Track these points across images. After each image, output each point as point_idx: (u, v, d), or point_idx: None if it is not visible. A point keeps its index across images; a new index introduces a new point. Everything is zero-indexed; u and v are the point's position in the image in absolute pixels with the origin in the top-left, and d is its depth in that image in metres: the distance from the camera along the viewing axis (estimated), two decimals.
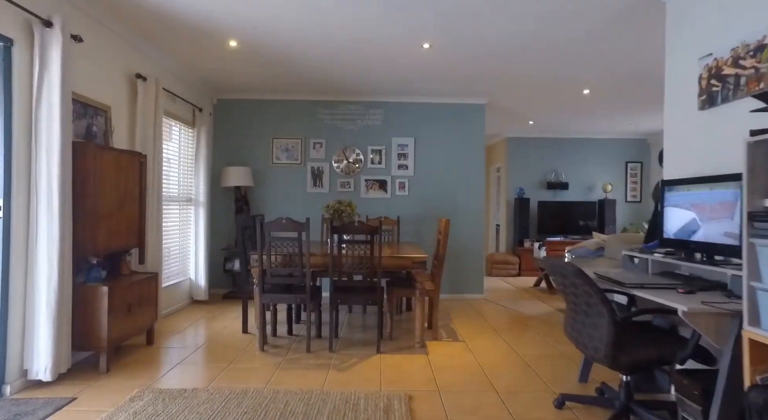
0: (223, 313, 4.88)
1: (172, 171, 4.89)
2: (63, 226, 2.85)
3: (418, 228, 5.89)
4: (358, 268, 3.61)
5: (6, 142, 2.69)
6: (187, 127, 5.18)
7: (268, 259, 3.57)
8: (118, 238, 3.34)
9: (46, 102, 2.83)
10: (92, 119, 3.39)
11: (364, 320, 4.72)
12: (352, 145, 5.88)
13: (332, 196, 5.82)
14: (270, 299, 3.64)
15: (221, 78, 5.14)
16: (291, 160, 5.85)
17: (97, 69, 3.49)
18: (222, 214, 5.80)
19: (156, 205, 4.03)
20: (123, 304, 3.24)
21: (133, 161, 3.53)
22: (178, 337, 3.98)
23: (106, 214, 3.20)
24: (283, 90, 5.63)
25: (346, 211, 4.17)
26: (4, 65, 2.70)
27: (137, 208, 3.59)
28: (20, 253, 2.79)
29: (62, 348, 2.89)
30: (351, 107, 5.88)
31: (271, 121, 5.85)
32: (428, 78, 5.00)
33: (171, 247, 4.85)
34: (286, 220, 3.48)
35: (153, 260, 3.98)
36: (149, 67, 4.18)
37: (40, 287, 2.81)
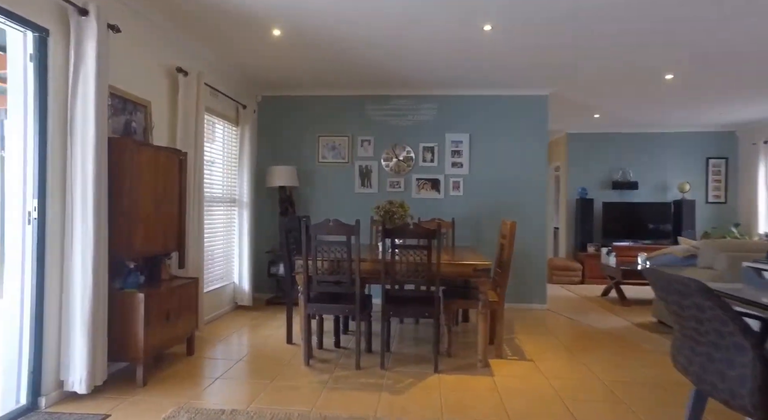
0: (267, 321, 4.62)
1: (216, 171, 4.69)
2: (98, 227, 2.64)
3: (474, 231, 5.42)
4: (413, 276, 3.21)
5: (41, 139, 2.51)
6: (231, 125, 4.98)
7: (314, 265, 3.24)
8: (156, 241, 3.12)
9: (82, 95, 2.64)
10: (131, 115, 3.20)
11: (417, 331, 4.31)
12: (402, 142, 5.50)
13: (381, 196, 5.46)
14: (316, 309, 3.31)
15: (265, 73, 4.91)
16: (338, 158, 5.54)
17: (136, 62, 3.31)
18: (266, 215, 5.58)
19: (197, 206, 3.82)
20: (161, 311, 3.01)
21: (173, 159, 3.31)
22: (219, 347, 3.73)
23: (144, 215, 2.98)
24: (329, 85, 5.34)
25: (397, 213, 3.78)
26: (40, 57, 2.52)
27: (177, 209, 3.37)
28: (56, 256, 2.61)
29: (97, 359, 2.68)
30: (401, 102, 5.50)
31: (317, 119, 5.57)
32: (487, 67, 4.54)
33: (215, 250, 4.65)
34: (334, 222, 3.14)
35: (194, 264, 3.76)
36: (190, 61, 3.98)
37: (75, 293, 2.61)
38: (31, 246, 2.50)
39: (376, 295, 4.79)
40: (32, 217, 2.50)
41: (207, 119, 4.39)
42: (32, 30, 2.49)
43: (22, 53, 2.51)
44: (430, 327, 4.45)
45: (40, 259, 2.51)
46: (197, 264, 3.81)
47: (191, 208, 3.73)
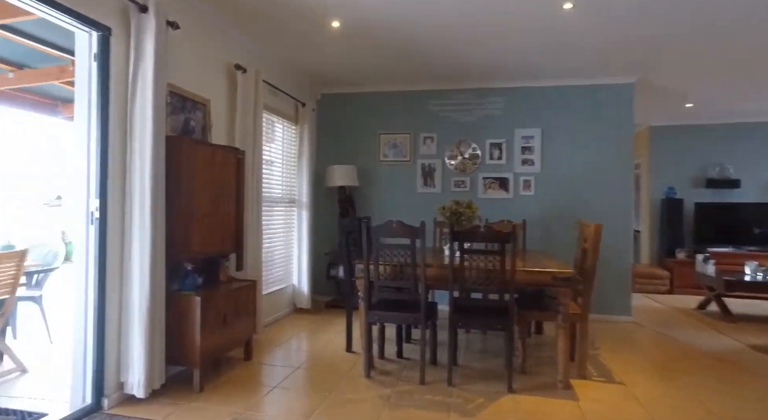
0: (327, 325, 4.45)
1: (275, 170, 4.61)
2: (154, 227, 2.56)
3: (546, 233, 4.95)
4: (483, 284, 2.88)
5: (102, 138, 2.47)
6: (290, 124, 4.89)
7: (375, 270, 3.00)
8: (214, 242, 3.03)
9: (140, 93, 2.58)
10: (190, 113, 3.14)
11: (485, 342, 3.95)
12: (467, 138, 5.15)
13: (445, 196, 5.15)
14: (377, 317, 3.07)
15: (324, 70, 4.77)
16: (399, 157, 5.30)
17: (196, 60, 3.25)
18: (326, 216, 5.45)
19: (255, 206, 3.72)
20: (217, 315, 2.90)
21: (230, 158, 3.21)
22: (278, 352, 3.60)
23: (201, 216, 2.89)
24: (389, 80, 5.11)
25: (465, 214, 3.46)
26: (102, 57, 2.49)
27: (234, 209, 3.27)
28: (116, 257, 2.56)
29: (155, 362, 2.61)
30: (466, 96, 5.16)
31: (378, 116, 5.36)
32: (564, 53, 4.09)
33: (274, 252, 4.56)
34: (397, 223, 2.88)
35: (252, 266, 3.66)
36: (249, 58, 3.90)
37: (133, 294, 2.55)
38: (93, 246, 2.46)
39: (439, 301, 4.48)
40: (95, 217, 2.46)
41: (266, 118, 4.32)
42: (96, 29, 2.46)
43: (87, 54, 2.49)
44: (500, 338, 4.06)
45: (101, 259, 2.47)
46: (256, 266, 3.71)
47: (249, 209, 3.63)
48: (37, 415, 2.48)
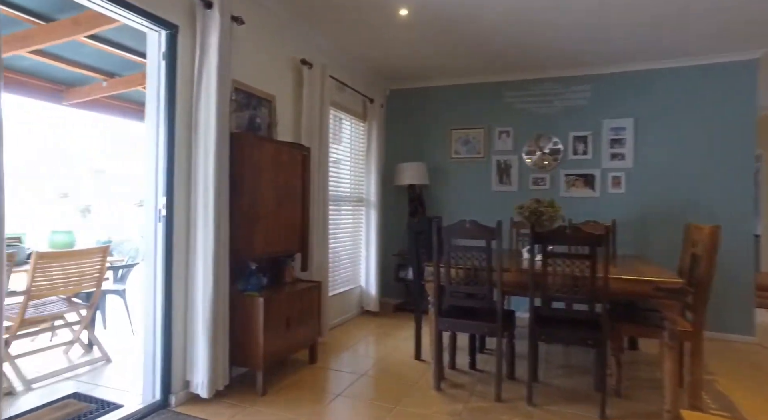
0: (395, 330, 4.26)
1: (343, 168, 4.51)
2: (218, 226, 2.52)
3: (639, 236, 4.38)
4: (569, 292, 2.52)
5: (169, 136, 2.47)
6: (358, 121, 4.77)
7: (446, 274, 2.75)
8: (278, 242, 2.95)
9: (205, 89, 2.55)
10: (256, 110, 3.10)
11: (568, 356, 3.53)
12: (547, 132, 4.71)
13: (523, 195, 4.75)
14: (449, 325, 2.81)
15: (392, 63, 4.59)
16: (472, 153, 4.98)
17: (261, 55, 3.20)
18: (395, 215, 5.26)
19: (321, 205, 3.62)
20: (281, 317, 2.81)
21: (296, 155, 3.12)
22: (343, 357, 3.46)
23: (265, 214, 2.81)
24: (461, 72, 4.81)
25: (546, 213, 3.10)
26: (170, 55, 2.49)
27: (300, 208, 3.18)
28: (181, 255, 2.55)
29: (219, 363, 2.57)
30: (546, 86, 4.72)
31: (449, 110, 5.09)
32: (668, 28, 3.56)
33: (341, 252, 4.46)
34: (471, 223, 2.61)
35: (318, 267, 3.56)
36: (315, 52, 3.82)
37: (198, 293, 2.52)
38: (161, 244, 2.47)
39: (514, 308, 4.12)
40: (162, 215, 2.47)
41: (333, 114, 4.22)
42: (165, 28, 2.47)
43: (156, 53, 2.51)
44: (585, 352, 3.62)
45: (167, 258, 2.47)
46: (322, 267, 3.61)
47: (315, 207, 3.54)
48: (114, 405, 2.53)
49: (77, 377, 2.95)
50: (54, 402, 2.57)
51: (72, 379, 2.93)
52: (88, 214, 8.64)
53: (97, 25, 3.17)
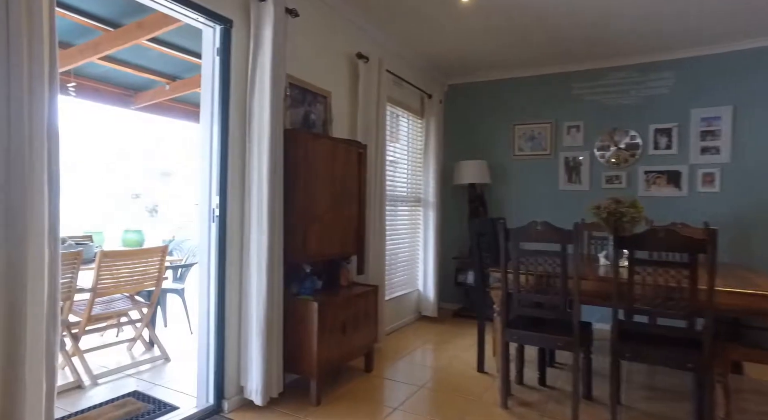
0: (455, 337, 4.02)
1: (399, 166, 4.34)
2: (272, 226, 2.42)
3: (738, 241, 3.85)
4: (661, 305, 2.18)
5: (223, 133, 2.41)
6: (415, 117, 4.58)
7: (515, 280, 2.49)
8: (333, 243, 2.82)
9: (259, 84, 2.47)
10: (310, 106, 2.99)
11: (652, 376, 3.14)
12: (624, 125, 4.28)
13: (595, 194, 4.34)
14: (518, 337, 2.55)
15: (451, 57, 4.35)
16: (537, 150, 4.63)
17: (316, 49, 3.10)
18: (454, 216, 5.02)
19: (378, 205, 3.46)
20: (336, 322, 2.68)
21: (352, 152, 2.99)
22: (400, 365, 3.28)
23: (319, 214, 2.69)
24: (525, 64, 4.49)
25: (627, 214, 2.74)
26: (224, 50, 2.43)
27: (356, 208, 3.04)
28: (235, 257, 2.48)
29: (273, 370, 2.47)
30: (621, 74, 4.29)
31: (512, 105, 4.77)
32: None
33: (398, 254, 4.29)
34: (543, 225, 2.34)
35: (375, 270, 3.40)
36: (371, 45, 3.66)
37: (251, 296, 2.44)
38: (214, 244, 2.41)
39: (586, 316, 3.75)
40: (215, 214, 2.41)
41: (390, 111, 4.06)
42: (219, 23, 2.41)
43: (211, 49, 2.45)
44: (673, 373, 3.19)
45: (220, 259, 2.41)
46: (378, 270, 3.45)
47: (372, 208, 3.38)
48: (171, 407, 2.51)
49: (139, 374, 2.99)
50: (115, 399, 2.59)
51: (134, 376, 2.96)
52: (155, 213, 9.08)
53: (158, 28, 3.21)
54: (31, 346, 1.48)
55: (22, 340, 1.46)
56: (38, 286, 1.49)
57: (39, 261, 1.49)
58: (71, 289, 2.70)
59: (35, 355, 1.50)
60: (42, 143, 1.51)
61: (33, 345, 1.49)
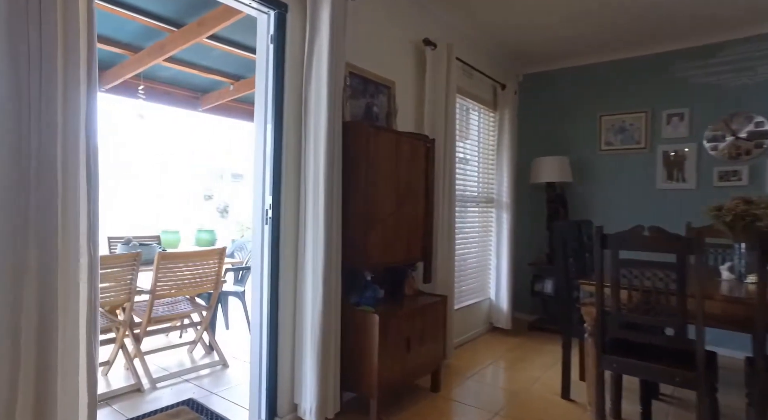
0: (531, 353, 3.58)
1: (470, 164, 3.97)
2: (329, 229, 2.18)
3: None
4: None
5: (276, 127, 2.21)
6: (487, 110, 4.18)
7: (613, 296, 2.06)
8: (397, 248, 2.54)
9: (315, 73, 2.24)
10: (373, 98, 2.73)
11: None
12: (745, 110, 3.59)
13: (703, 193, 3.70)
14: (618, 366, 2.10)
15: (529, 41, 3.91)
16: (629, 143, 4.05)
17: (378, 35, 2.84)
18: (530, 218, 4.55)
19: (447, 206, 3.13)
20: (399, 337, 2.39)
21: (418, 147, 2.69)
22: (470, 385, 2.92)
23: (383, 216, 2.42)
24: (614, 46, 3.93)
25: (765, 217, 2.19)
26: (278, 37, 2.24)
27: (423, 209, 2.74)
28: (289, 263, 2.28)
29: (328, 387, 2.23)
30: (742, 48, 3.61)
31: (598, 94, 4.22)
32: None
33: (468, 260, 3.92)
34: (654, 231, 1.90)
35: (443, 278, 3.08)
36: (439, 31, 3.34)
37: (306, 306, 2.22)
38: (267, 248, 2.22)
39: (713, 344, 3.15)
40: (268, 216, 2.22)
41: (459, 103, 3.71)
42: (273, 7, 2.22)
43: (265, 37, 2.27)
44: None
45: (273, 264, 2.21)
46: (447, 278, 3.12)
47: (440, 209, 3.06)
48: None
49: (199, 379, 2.90)
50: (170, 407, 2.49)
51: (192, 380, 2.88)
52: (226, 214, 9.36)
53: (217, 24, 3.13)
54: (64, 355, 1.34)
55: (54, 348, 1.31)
56: (72, 289, 1.34)
57: (73, 263, 1.35)
58: (131, 291, 2.65)
59: (70, 364, 1.36)
60: (76, 144, 1.37)
61: (67, 354, 1.35)
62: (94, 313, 1.42)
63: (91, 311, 1.40)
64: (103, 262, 2.45)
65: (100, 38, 3.55)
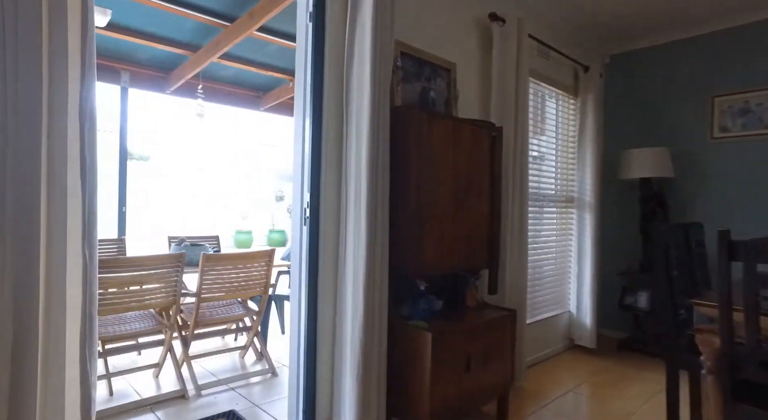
0: (623, 380, 3.03)
1: (546, 157, 3.49)
2: (372, 229, 1.89)
3: None
4: None
5: (315, 115, 1.97)
6: (567, 96, 3.66)
7: (750, 324, 1.54)
8: (456, 253, 2.18)
9: (358, 54, 1.96)
10: (429, 81, 2.40)
11: None
12: None
13: None
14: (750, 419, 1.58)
15: (616, 13, 3.35)
16: (754, 128, 3.32)
17: (435, 9, 2.50)
18: (617, 220, 3.93)
19: (517, 205, 2.71)
20: (458, 357, 2.03)
21: (482, 137, 2.31)
22: (545, 416, 2.48)
23: (438, 216, 2.08)
24: (727, 10, 3.24)
25: None
26: (317, 14, 1.99)
27: (487, 208, 2.35)
28: (329, 268, 2.02)
29: (370, 413, 1.93)
30: None
31: (710, 70, 3.52)
32: None
33: (543, 268, 3.44)
34: None
35: (513, 289, 2.66)
36: (507, 4, 2.91)
37: (346, 317, 1.94)
38: (305, 252, 1.97)
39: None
40: (306, 215, 1.97)
41: (533, 88, 3.25)
42: None
43: (304, 16, 2.04)
44: None
45: (311, 269, 1.96)
46: (517, 288, 2.69)
47: (509, 208, 2.65)
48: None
49: (245, 387, 2.75)
50: (210, 419, 2.34)
51: (239, 389, 2.73)
52: None
53: (266, 14, 2.99)
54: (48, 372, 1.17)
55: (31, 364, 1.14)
56: (57, 298, 1.17)
57: (58, 268, 1.17)
58: (177, 292, 2.55)
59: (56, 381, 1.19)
60: (65, 134, 1.20)
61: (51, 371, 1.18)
62: (89, 325, 1.24)
63: (86, 322, 1.22)
64: (145, 262, 2.37)
65: (161, 40, 3.59)
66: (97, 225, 1.30)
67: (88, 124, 1.25)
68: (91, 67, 1.27)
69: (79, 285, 1.23)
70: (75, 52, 1.22)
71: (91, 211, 1.27)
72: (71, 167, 1.19)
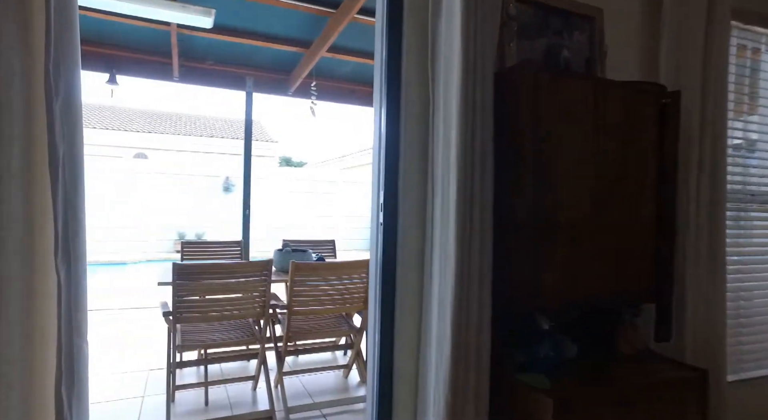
0: None
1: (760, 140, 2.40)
2: (462, 242, 1.33)
3: None
4: None
5: (390, 94, 1.51)
6: None
7: None
8: (600, 277, 1.48)
9: (446, 7, 1.43)
10: (560, 36, 1.72)
11: None
12: None
13: None
14: None
15: None
16: None
17: None
18: None
19: (705, 208, 1.82)
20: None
21: (639, 106, 1.55)
22: None
23: (568, 222, 1.42)
24: None
25: None
26: None
27: (651, 211, 1.57)
28: (411, 290, 1.52)
29: None
30: None
31: None
32: None
33: (754, 300, 2.35)
34: None
35: (699, 334, 1.78)
36: None
37: (429, 367, 1.42)
38: (378, 267, 1.52)
39: None
40: (379, 221, 1.52)
41: (737, 33, 2.23)
42: None
43: None
44: None
45: (385, 290, 1.49)
46: (708, 332, 1.80)
47: (692, 211, 1.79)
48: None
49: (338, 415, 2.42)
50: None
51: (332, 416, 2.41)
52: None
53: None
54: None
55: None
56: (13, 329, 0.93)
57: (14, 289, 0.94)
58: (265, 303, 2.33)
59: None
60: (18, 130, 0.97)
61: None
62: (68, 360, 0.98)
63: (64, 357, 0.97)
64: (227, 270, 2.20)
65: (274, 39, 3.54)
66: (84, 233, 1.04)
67: (61, 105, 1.00)
68: (71, 50, 1.03)
69: (54, 308, 0.98)
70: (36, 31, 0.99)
71: (75, 217, 1.02)
72: (37, 166, 0.95)
